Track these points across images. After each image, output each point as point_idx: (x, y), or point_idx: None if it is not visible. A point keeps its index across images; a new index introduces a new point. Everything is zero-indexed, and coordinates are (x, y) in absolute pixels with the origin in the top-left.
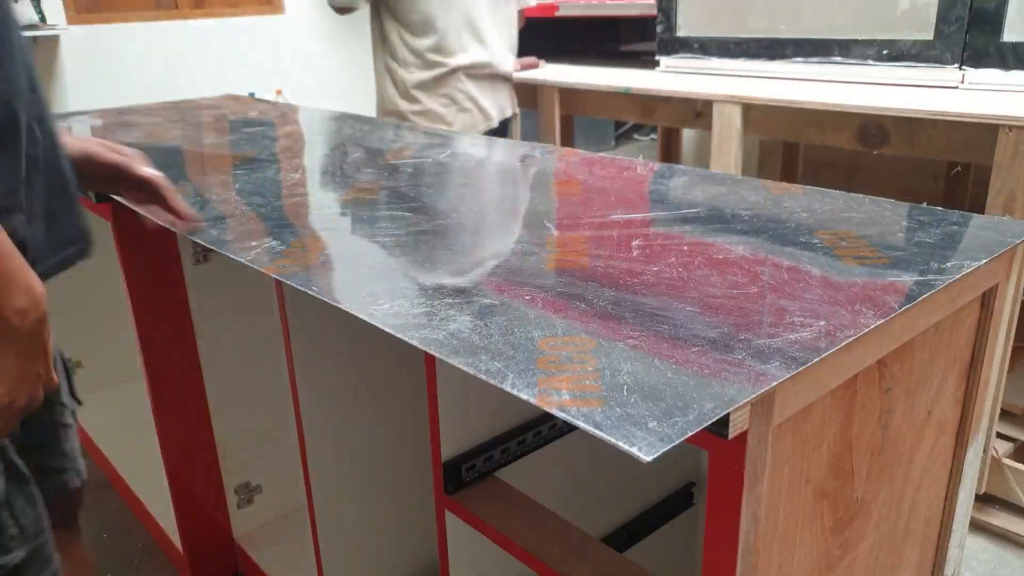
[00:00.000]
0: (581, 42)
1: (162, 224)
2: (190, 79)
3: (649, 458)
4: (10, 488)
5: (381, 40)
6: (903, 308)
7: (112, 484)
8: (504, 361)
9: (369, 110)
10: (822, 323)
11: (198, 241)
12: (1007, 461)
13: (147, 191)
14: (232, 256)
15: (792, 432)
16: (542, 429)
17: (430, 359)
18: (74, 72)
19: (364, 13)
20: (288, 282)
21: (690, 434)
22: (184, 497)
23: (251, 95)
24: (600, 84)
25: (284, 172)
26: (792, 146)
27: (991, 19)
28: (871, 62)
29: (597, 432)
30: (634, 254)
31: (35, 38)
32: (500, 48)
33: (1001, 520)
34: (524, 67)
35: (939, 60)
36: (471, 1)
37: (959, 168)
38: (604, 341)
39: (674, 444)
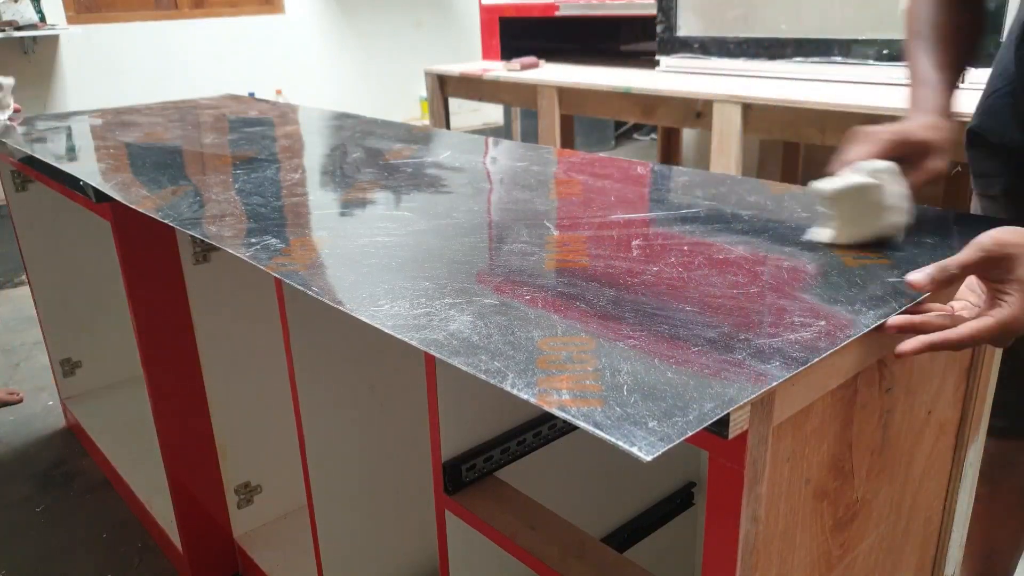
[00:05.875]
0: (581, 42)
1: None
2: (190, 79)
3: (649, 458)
4: None
5: None
6: (903, 308)
7: (112, 484)
8: (504, 361)
9: (368, 110)
10: (822, 323)
11: (198, 237)
12: None
13: None
14: (231, 251)
15: (792, 432)
16: (542, 429)
17: (430, 359)
18: (74, 72)
19: (367, 13)
20: (287, 281)
21: (690, 434)
22: (184, 497)
23: (251, 95)
24: (600, 84)
25: (284, 172)
26: (792, 146)
27: (991, 19)
28: (871, 62)
29: (597, 432)
30: (634, 254)
31: (35, 38)
32: None
33: None
34: (524, 67)
35: None
36: None
37: (959, 168)
38: (604, 341)
39: (674, 444)
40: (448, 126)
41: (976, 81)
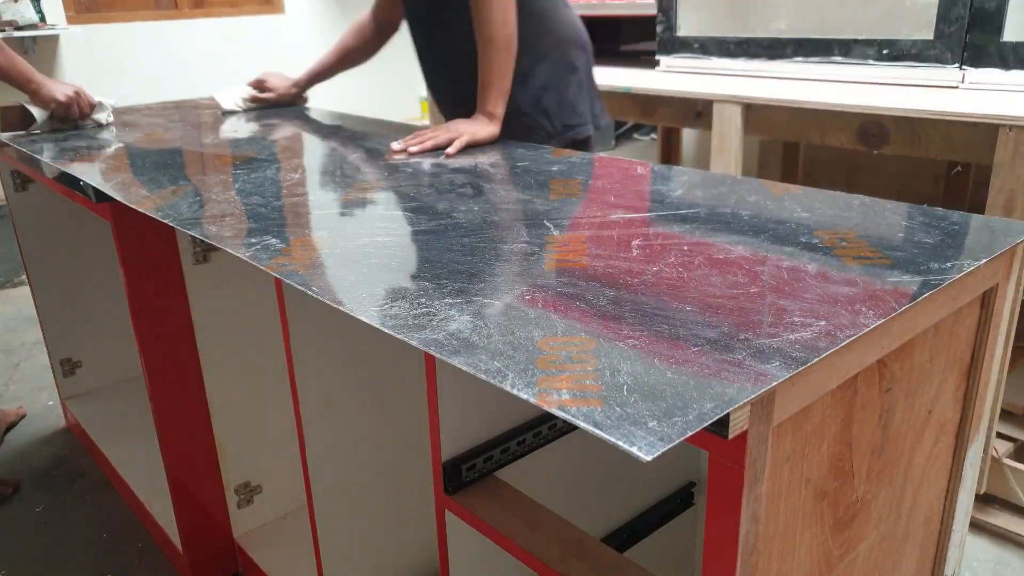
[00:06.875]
0: None
1: None
2: (190, 79)
3: (649, 458)
4: None
5: None
6: (903, 308)
7: (112, 484)
8: (504, 361)
9: (368, 110)
10: (822, 323)
11: (198, 237)
12: (1007, 461)
13: None
14: (231, 251)
15: (792, 432)
16: (542, 429)
17: (430, 359)
18: (74, 72)
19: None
20: (287, 282)
21: (690, 434)
22: (184, 497)
23: None
24: (600, 84)
25: (284, 172)
26: (792, 146)
27: (991, 19)
28: (871, 62)
29: (597, 432)
30: (634, 254)
31: (35, 38)
32: None
33: (1001, 520)
34: None
35: (939, 60)
36: None
37: (959, 168)
38: (604, 341)
39: (674, 444)
40: None
41: (975, 81)
